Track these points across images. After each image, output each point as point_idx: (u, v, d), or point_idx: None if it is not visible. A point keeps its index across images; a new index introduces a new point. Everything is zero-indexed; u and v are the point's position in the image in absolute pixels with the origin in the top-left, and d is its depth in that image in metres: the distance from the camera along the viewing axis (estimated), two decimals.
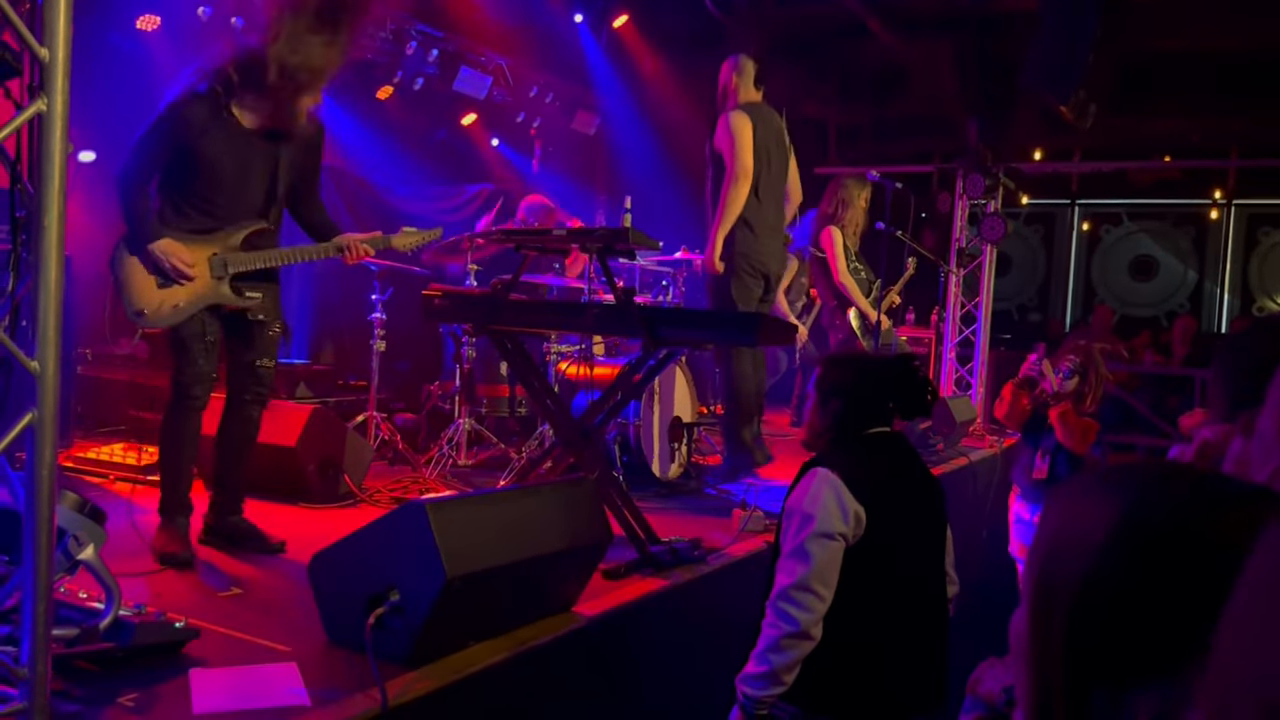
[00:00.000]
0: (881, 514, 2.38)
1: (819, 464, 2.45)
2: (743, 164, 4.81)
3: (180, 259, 3.38)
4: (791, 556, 2.35)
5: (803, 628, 2.30)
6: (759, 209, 4.94)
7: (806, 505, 2.36)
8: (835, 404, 2.55)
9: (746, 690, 2.35)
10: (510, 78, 8.48)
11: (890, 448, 2.57)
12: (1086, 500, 0.76)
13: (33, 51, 1.75)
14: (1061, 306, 12.70)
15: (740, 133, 4.86)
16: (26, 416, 1.76)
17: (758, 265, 5.03)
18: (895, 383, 2.58)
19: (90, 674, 2.29)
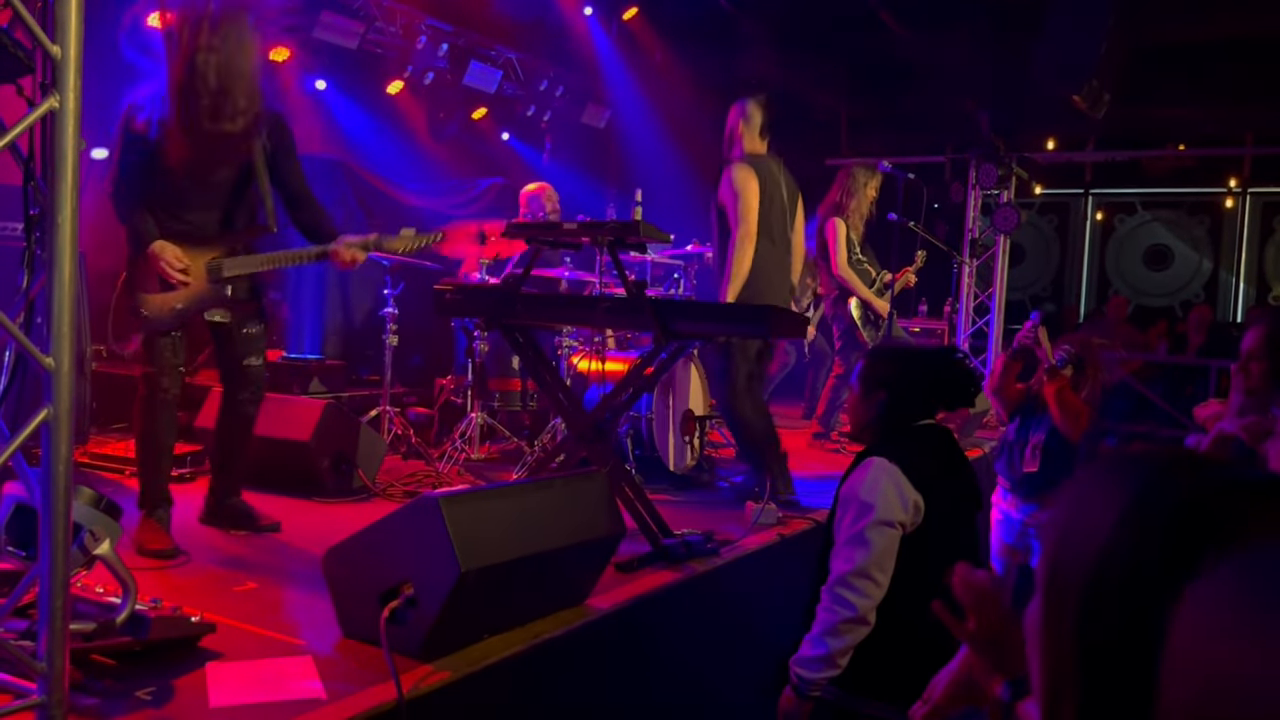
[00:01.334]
0: (935, 503, 2.44)
1: (875, 453, 2.49)
2: (747, 226, 4.64)
3: (173, 261, 3.45)
4: (850, 544, 2.40)
5: (860, 613, 2.36)
6: (768, 260, 4.75)
7: (864, 494, 2.41)
8: (880, 396, 2.59)
9: (801, 672, 2.40)
10: (520, 71, 8.48)
11: (938, 440, 2.62)
12: (1096, 488, 0.76)
13: (45, 49, 1.76)
14: (1076, 296, 12.63)
15: (745, 191, 4.68)
16: (42, 413, 1.77)
17: None
18: (939, 374, 2.61)
19: (108, 668, 2.30)
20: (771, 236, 4.79)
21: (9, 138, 1.77)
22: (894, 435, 2.56)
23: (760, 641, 3.61)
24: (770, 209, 4.77)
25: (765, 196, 4.74)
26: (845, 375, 6.54)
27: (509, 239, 5.16)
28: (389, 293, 5.43)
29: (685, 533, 3.60)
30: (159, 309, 3.49)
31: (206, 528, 3.79)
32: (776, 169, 4.86)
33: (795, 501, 4.64)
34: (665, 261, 6.21)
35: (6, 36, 1.77)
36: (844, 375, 6.55)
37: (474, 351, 5.48)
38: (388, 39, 7.35)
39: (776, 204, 4.81)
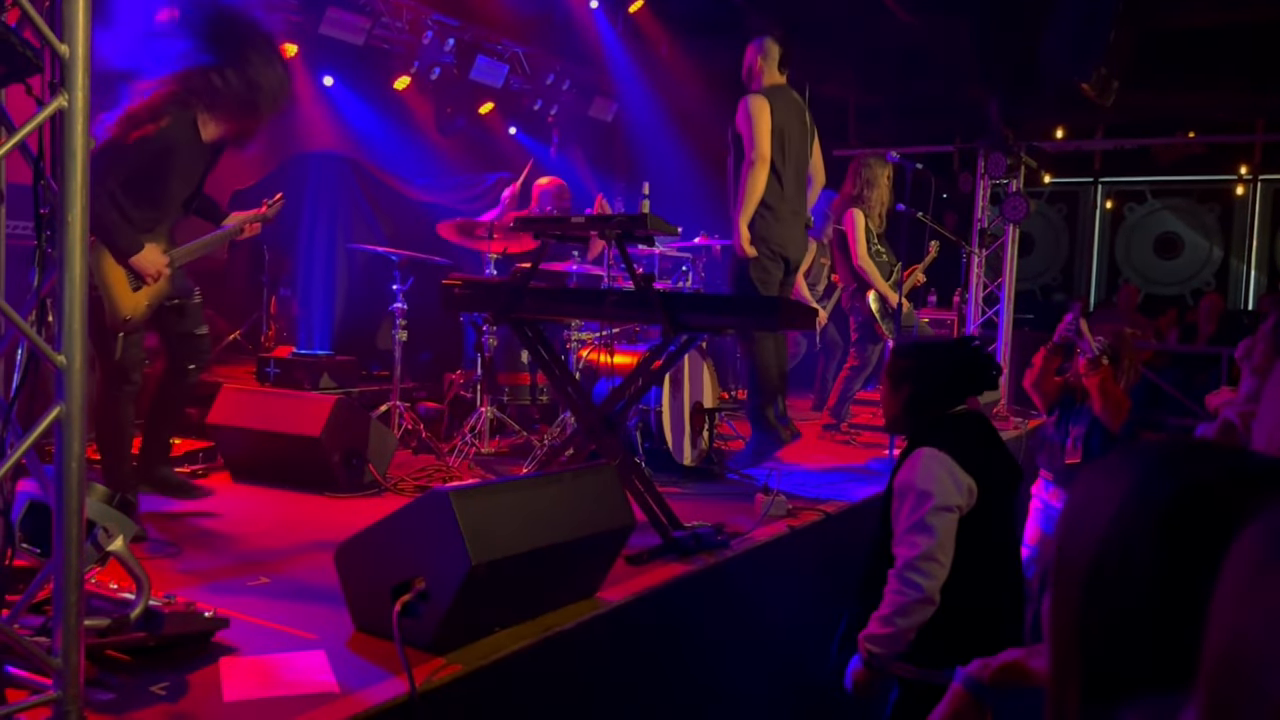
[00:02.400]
0: (986, 485, 2.57)
1: (923, 444, 2.60)
2: (760, 150, 4.82)
3: (159, 264, 3.61)
4: (912, 531, 2.52)
5: (927, 594, 2.48)
6: (779, 192, 4.94)
7: (920, 482, 2.53)
8: (906, 389, 2.74)
9: (872, 649, 2.54)
10: (527, 66, 8.47)
11: (976, 425, 2.75)
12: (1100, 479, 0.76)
13: (53, 48, 1.77)
14: (1086, 286, 12.59)
15: (758, 117, 4.86)
16: (54, 410, 1.78)
17: (777, 249, 5.03)
18: (957, 362, 2.75)
19: (123, 663, 2.32)
20: (786, 167, 4.90)
21: (18, 137, 1.78)
22: (934, 425, 2.68)
23: (771, 632, 3.62)
24: (786, 139, 4.89)
25: (779, 126, 4.86)
26: (858, 368, 6.53)
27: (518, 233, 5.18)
28: (398, 288, 5.44)
29: (695, 525, 3.60)
30: (134, 308, 3.62)
31: (218, 524, 3.81)
32: (794, 100, 5.00)
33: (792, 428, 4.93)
34: (673, 254, 6.21)
35: (15, 36, 1.78)
36: (857, 367, 6.54)
37: (483, 346, 5.49)
38: (394, 34, 7.35)
39: (794, 135, 4.94)
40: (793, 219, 5.03)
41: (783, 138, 4.91)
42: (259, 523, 3.87)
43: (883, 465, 5.39)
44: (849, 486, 4.83)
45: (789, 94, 5.02)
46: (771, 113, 4.88)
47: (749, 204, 4.84)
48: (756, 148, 4.82)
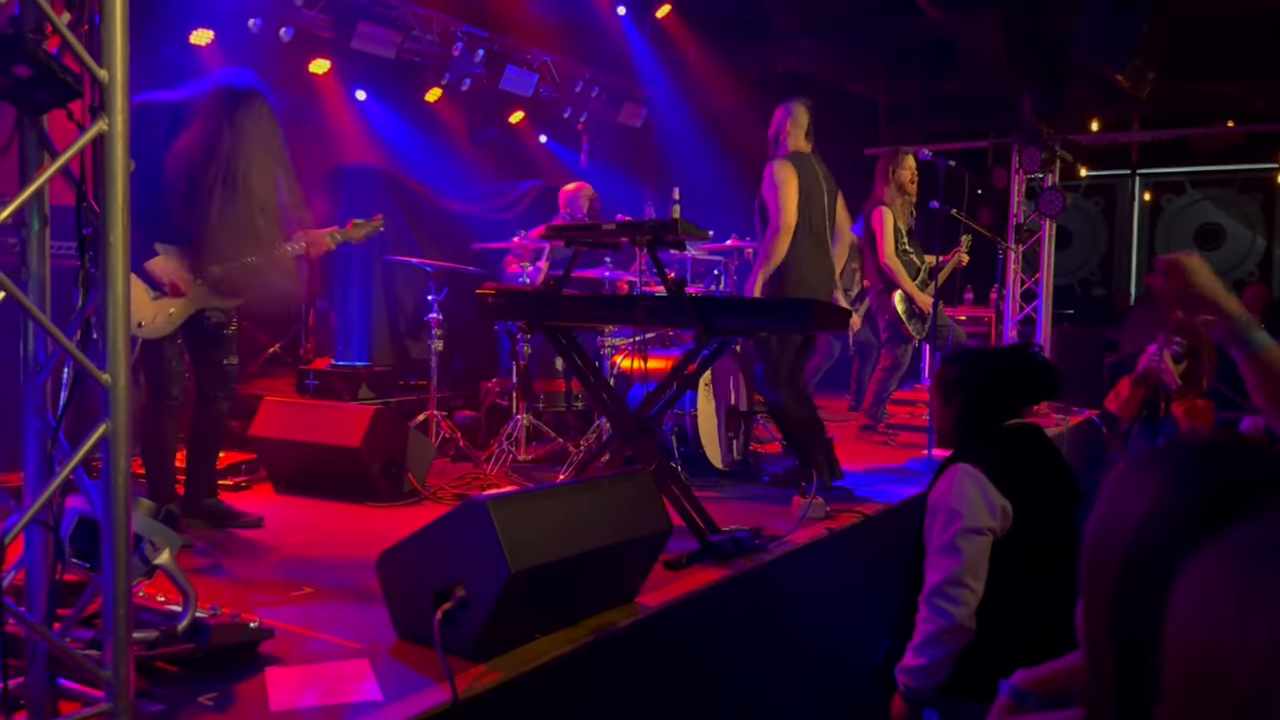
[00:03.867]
0: (1026, 507, 2.42)
1: (959, 460, 2.49)
2: (786, 219, 4.79)
3: (175, 274, 3.62)
4: (941, 552, 2.41)
5: (958, 621, 2.37)
6: (809, 256, 4.88)
7: (952, 501, 2.41)
8: (958, 400, 2.60)
9: (909, 682, 2.44)
10: (556, 74, 8.52)
11: (1028, 440, 2.60)
12: (1131, 480, 0.75)
13: (92, 74, 1.81)
14: (1125, 279, 12.41)
15: (785, 185, 4.82)
16: (100, 428, 1.82)
17: None
18: (1014, 371, 2.60)
19: (171, 675, 2.36)
20: (812, 233, 4.88)
21: (61, 161, 1.83)
22: (979, 439, 2.55)
23: (810, 637, 3.61)
24: (810, 206, 4.87)
25: (804, 193, 4.85)
26: (891, 368, 6.49)
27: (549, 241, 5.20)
28: (433, 298, 5.49)
29: (733, 529, 3.60)
30: (153, 318, 3.64)
31: (261, 534, 3.86)
32: (818, 167, 4.97)
33: (846, 488, 4.73)
34: (705, 258, 6.21)
35: (56, 63, 1.82)
36: (890, 368, 6.49)
37: (518, 354, 5.52)
38: (425, 47, 7.42)
39: (816, 201, 4.91)
40: (821, 284, 4.93)
41: (810, 204, 4.88)
42: (301, 533, 3.92)
43: (921, 466, 5.35)
44: (887, 488, 4.80)
45: (814, 163, 4.98)
46: (799, 179, 4.84)
47: (767, 266, 4.81)
48: (782, 216, 4.79)
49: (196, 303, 3.74)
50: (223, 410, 3.95)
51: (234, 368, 3.95)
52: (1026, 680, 1.70)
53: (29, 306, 1.81)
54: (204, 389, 3.90)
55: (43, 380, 1.97)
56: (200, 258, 3.72)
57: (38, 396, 1.98)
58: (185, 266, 3.69)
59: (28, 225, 2.00)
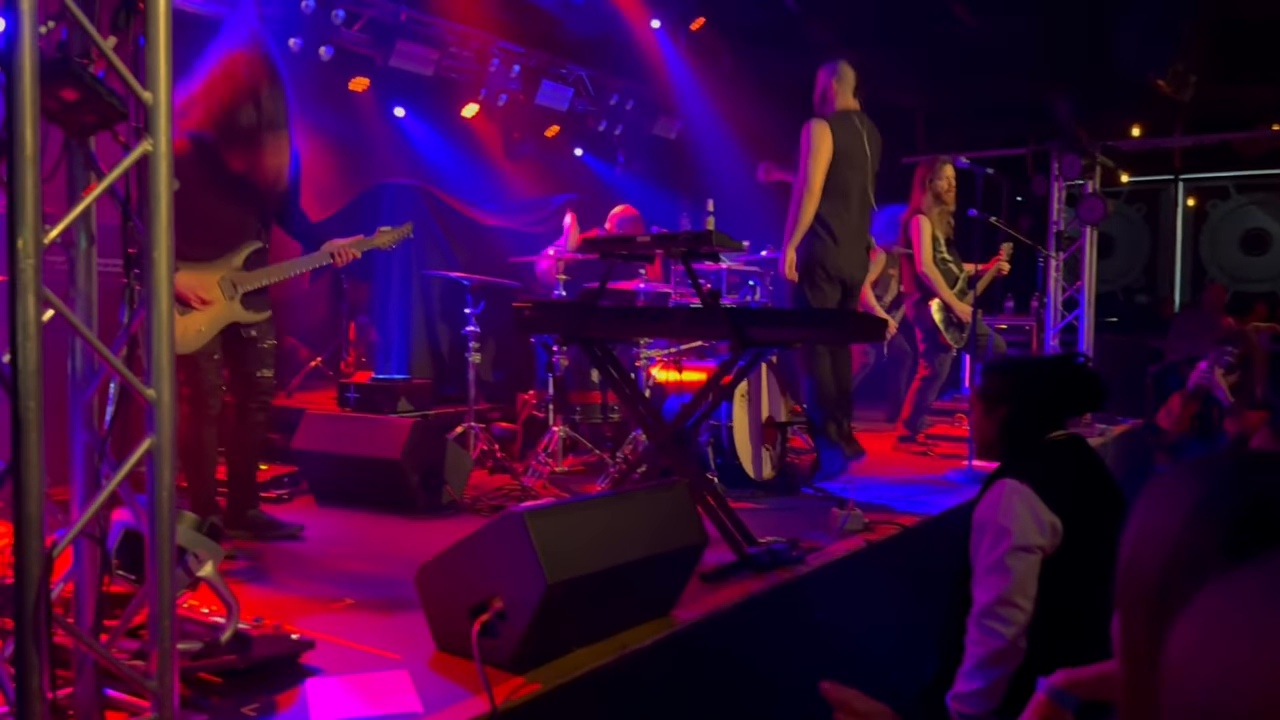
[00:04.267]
0: (1075, 522, 2.35)
1: (1006, 474, 2.41)
2: (811, 180, 4.82)
3: (199, 289, 3.67)
4: (990, 572, 2.34)
5: (1009, 641, 2.30)
6: (842, 216, 4.92)
7: (1000, 518, 2.34)
8: (1001, 411, 2.53)
9: (963, 709, 2.35)
10: (591, 87, 8.57)
11: (1074, 453, 2.53)
12: (1167, 491, 0.74)
13: (137, 96, 1.85)
14: (1170, 286, 12.21)
15: (817, 146, 4.85)
16: (146, 442, 1.86)
17: (834, 272, 5.02)
18: (1064, 383, 2.54)
19: (214, 685, 2.39)
20: (848, 194, 4.89)
21: (107, 181, 1.87)
22: (1024, 453, 2.48)
23: (849, 651, 3.58)
24: (848, 166, 4.86)
25: (841, 153, 4.84)
26: (930, 378, 6.44)
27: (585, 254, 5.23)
28: (470, 312, 5.54)
29: (770, 541, 3.59)
30: (182, 334, 3.66)
31: (302, 546, 3.91)
32: (862, 126, 4.97)
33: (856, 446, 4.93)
34: (740, 269, 6.21)
35: (102, 86, 1.87)
36: (929, 377, 6.44)
37: (554, 366, 5.54)
38: (462, 64, 7.50)
39: (858, 160, 4.90)
40: (854, 242, 5.00)
41: (847, 162, 4.88)
42: (342, 545, 3.96)
43: (961, 477, 5.29)
44: (927, 499, 4.76)
45: (855, 120, 4.98)
46: (834, 138, 4.84)
47: (797, 231, 4.87)
48: (809, 178, 4.83)
49: (226, 318, 3.79)
50: (260, 422, 4.01)
51: (269, 380, 4.00)
52: (1066, 680, 1.66)
53: (77, 324, 1.85)
54: (241, 401, 3.96)
55: (89, 396, 2.02)
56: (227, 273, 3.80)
57: (85, 412, 2.02)
58: (213, 283, 3.75)
59: (75, 244, 2.05)
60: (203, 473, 3.83)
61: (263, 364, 3.95)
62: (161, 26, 1.85)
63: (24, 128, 1.66)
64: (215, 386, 3.82)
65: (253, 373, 3.92)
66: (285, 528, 4.00)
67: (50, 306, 1.74)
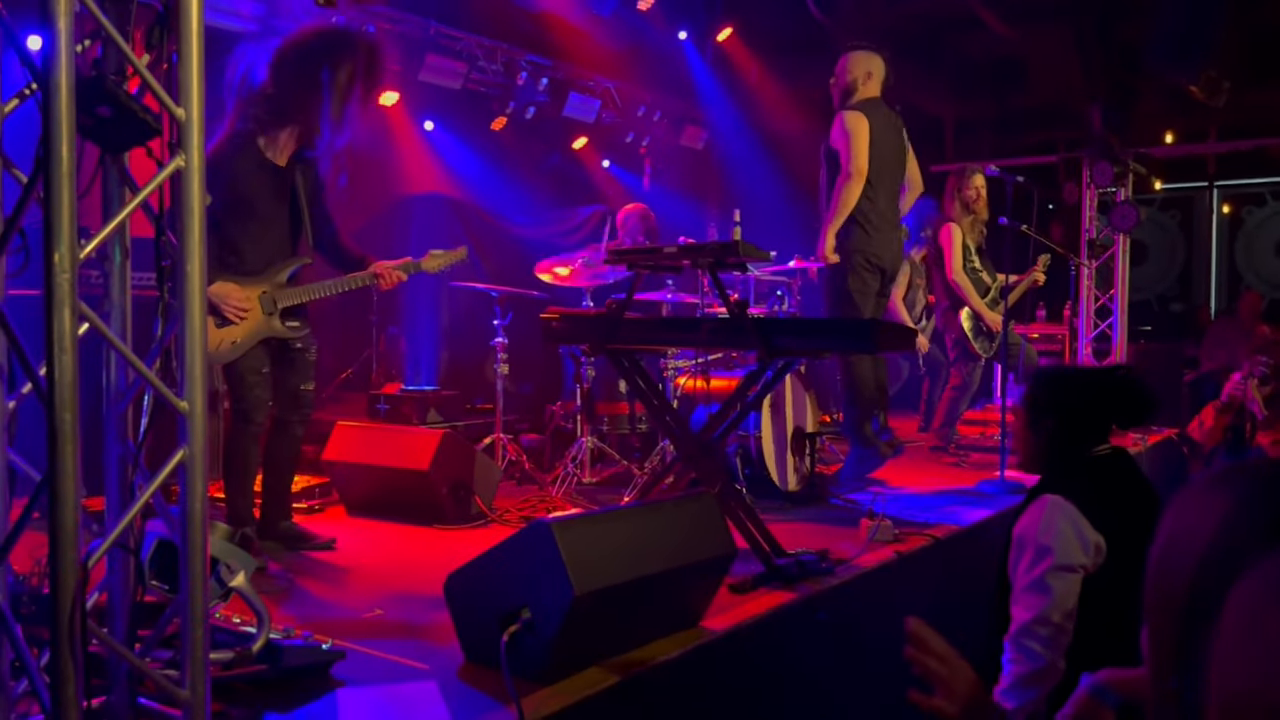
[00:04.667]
0: (1120, 541, 2.29)
1: (1049, 490, 2.35)
2: (857, 165, 4.84)
3: (235, 300, 3.69)
4: (1029, 590, 2.29)
5: (1049, 662, 2.25)
6: (875, 206, 4.94)
7: (1041, 536, 2.28)
8: (1048, 423, 2.46)
9: None
10: (618, 99, 8.60)
11: (1119, 468, 2.47)
12: (1195, 503, 0.73)
13: (170, 112, 1.88)
14: (1205, 294, 12.04)
15: (856, 132, 4.87)
16: (179, 454, 1.88)
17: (874, 260, 5.06)
18: (1112, 395, 2.47)
19: (245, 695, 2.41)
20: (881, 180, 4.88)
21: (141, 196, 1.90)
22: (1068, 468, 2.42)
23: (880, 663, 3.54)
24: (882, 154, 4.86)
25: (876, 140, 4.84)
26: (961, 387, 6.39)
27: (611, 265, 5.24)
28: (498, 323, 5.56)
29: (799, 552, 3.56)
30: (217, 345, 3.70)
31: (333, 557, 3.93)
32: (889, 114, 4.97)
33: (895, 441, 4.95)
34: (768, 279, 6.19)
35: (136, 103, 1.90)
36: (960, 387, 6.39)
37: (581, 377, 5.55)
38: (490, 77, 7.56)
39: (889, 149, 4.92)
40: (887, 230, 5.02)
41: (880, 152, 4.90)
42: (372, 555, 3.98)
43: (993, 487, 5.24)
44: (959, 510, 4.72)
45: (884, 108, 5.00)
46: (871, 127, 4.85)
47: (839, 215, 4.87)
48: (854, 162, 4.83)
49: (263, 331, 3.81)
50: (298, 435, 4.03)
51: (310, 394, 4.02)
52: (1110, 679, 1.64)
53: (111, 338, 1.87)
54: (281, 413, 3.98)
55: (124, 408, 2.05)
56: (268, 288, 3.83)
57: (119, 424, 2.05)
58: (252, 297, 3.78)
59: (110, 258, 2.08)
60: (243, 486, 3.84)
61: (306, 377, 3.98)
62: (194, 44, 1.87)
63: (60, 144, 1.69)
64: (263, 401, 3.83)
65: (297, 386, 3.95)
66: (317, 539, 4.02)
67: (85, 320, 1.77)
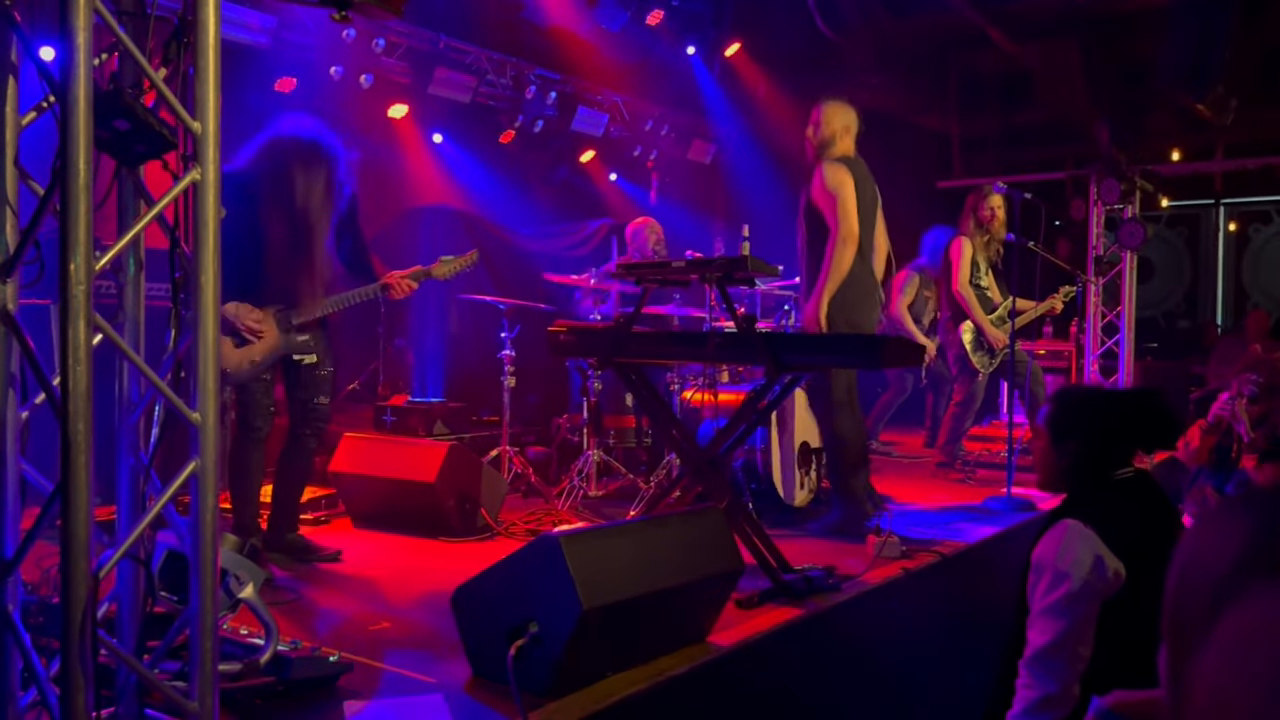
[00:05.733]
0: (1139, 565, 2.26)
1: (1069, 514, 2.32)
2: (849, 227, 4.57)
3: (251, 319, 3.72)
4: (1046, 614, 2.26)
5: (1061, 689, 2.22)
6: (860, 265, 4.69)
7: (1059, 561, 2.25)
8: (1072, 444, 2.42)
9: None
10: (626, 113, 8.63)
11: (1142, 493, 2.43)
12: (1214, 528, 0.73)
13: (186, 126, 1.90)
14: (1211, 311, 12.02)
15: (843, 190, 4.61)
16: (190, 465, 1.88)
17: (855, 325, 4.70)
18: (1138, 418, 2.43)
19: (253, 707, 2.41)
20: (867, 251, 4.72)
21: (156, 209, 1.91)
22: (1090, 491, 2.38)
23: (886, 679, 3.54)
24: (863, 214, 4.67)
25: (858, 199, 4.66)
26: (964, 403, 6.38)
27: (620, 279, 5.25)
28: (506, 335, 5.57)
29: (805, 567, 3.56)
30: (238, 365, 3.74)
31: (340, 569, 3.93)
32: (864, 168, 4.80)
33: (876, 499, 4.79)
34: (776, 293, 6.20)
35: (153, 116, 1.91)
36: (963, 403, 6.39)
37: (588, 390, 5.56)
38: (499, 91, 7.60)
39: (868, 210, 4.73)
40: (870, 292, 4.75)
41: (861, 209, 4.66)
42: (378, 568, 3.98)
43: (1000, 504, 5.23)
44: (965, 527, 4.70)
45: (860, 163, 4.77)
46: (855, 184, 4.64)
47: (833, 282, 4.60)
48: (844, 224, 4.57)
49: (279, 349, 3.84)
50: (311, 448, 4.04)
51: (325, 408, 4.03)
52: (1119, 702, 1.62)
53: (125, 349, 1.88)
54: (295, 427, 4.00)
55: (136, 419, 2.05)
56: (282, 306, 3.84)
57: (131, 435, 2.05)
58: (267, 316, 3.80)
59: (124, 270, 2.09)
60: (247, 494, 3.86)
61: (320, 391, 3.98)
62: (211, 58, 1.89)
63: (78, 156, 1.71)
64: (264, 408, 3.85)
65: (310, 399, 3.96)
66: (323, 552, 4.03)
67: (99, 331, 1.78)
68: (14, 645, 1.84)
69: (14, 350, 1.88)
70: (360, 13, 2.50)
